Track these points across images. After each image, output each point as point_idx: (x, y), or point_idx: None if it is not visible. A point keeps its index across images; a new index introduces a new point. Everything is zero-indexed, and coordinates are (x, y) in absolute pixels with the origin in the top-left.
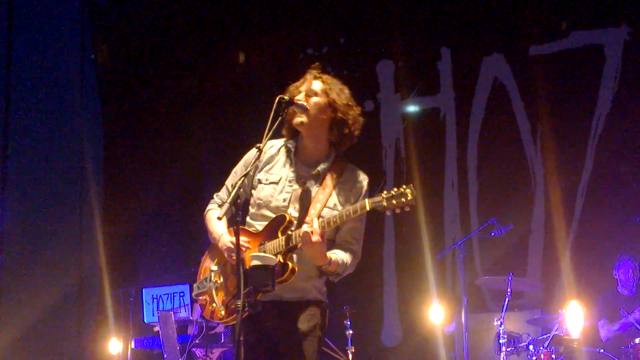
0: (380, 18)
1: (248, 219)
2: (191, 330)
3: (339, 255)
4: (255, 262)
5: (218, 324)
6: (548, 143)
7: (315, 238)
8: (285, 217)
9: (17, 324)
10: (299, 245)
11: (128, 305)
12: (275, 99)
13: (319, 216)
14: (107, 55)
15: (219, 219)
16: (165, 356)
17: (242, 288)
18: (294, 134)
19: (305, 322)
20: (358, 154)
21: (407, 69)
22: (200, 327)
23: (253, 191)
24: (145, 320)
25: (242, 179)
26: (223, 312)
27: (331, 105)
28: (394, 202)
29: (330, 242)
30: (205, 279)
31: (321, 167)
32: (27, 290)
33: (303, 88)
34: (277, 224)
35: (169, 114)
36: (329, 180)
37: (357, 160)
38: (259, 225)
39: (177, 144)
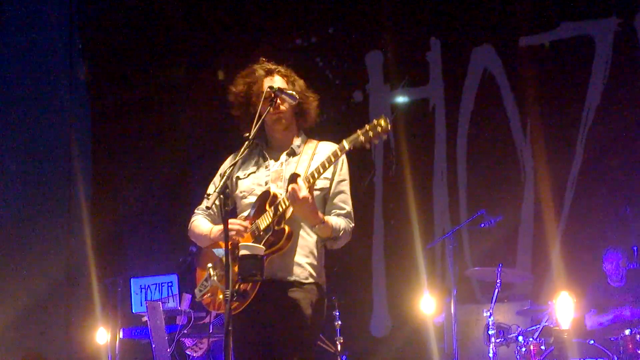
0: (369, 8)
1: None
2: (180, 321)
3: (331, 219)
4: (243, 252)
5: (207, 314)
6: (538, 134)
7: (302, 194)
8: (268, 192)
9: (5, 314)
10: (288, 211)
11: (116, 295)
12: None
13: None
14: (95, 42)
15: (208, 208)
16: (153, 346)
17: (230, 278)
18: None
19: (301, 310)
20: None
21: (396, 59)
22: (189, 317)
23: (236, 191)
24: (133, 310)
25: (232, 167)
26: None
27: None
28: (370, 134)
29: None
30: (205, 279)
31: (294, 144)
32: (14, 280)
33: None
34: (264, 201)
35: (157, 104)
36: (304, 155)
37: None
38: (248, 213)
39: (165, 135)
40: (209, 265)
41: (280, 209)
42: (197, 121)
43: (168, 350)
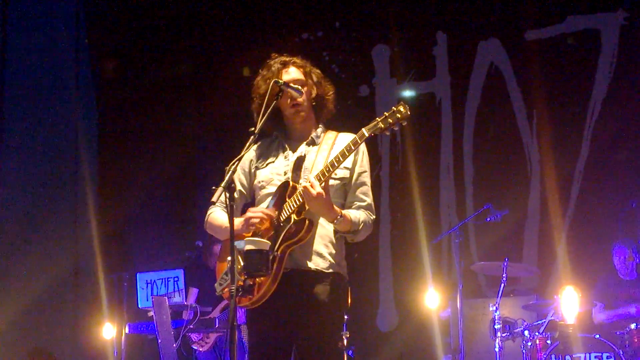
0: (376, 2)
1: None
2: (186, 315)
3: (350, 212)
4: (249, 247)
5: (212, 309)
6: (544, 128)
7: (315, 191)
8: (288, 183)
9: (12, 310)
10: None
11: (122, 290)
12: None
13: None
14: (102, 41)
15: (213, 202)
16: (159, 341)
17: (235, 272)
18: (277, 120)
19: (322, 303)
20: None
21: (402, 53)
22: (195, 312)
23: (255, 181)
24: (139, 305)
25: (236, 162)
26: (251, 295)
27: (316, 87)
28: (390, 120)
29: (339, 205)
30: (225, 272)
31: (314, 134)
32: (21, 276)
33: (287, 78)
34: (283, 192)
35: (164, 98)
36: (324, 145)
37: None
38: (267, 203)
39: (171, 131)
40: (229, 258)
41: (300, 200)
42: (203, 118)
43: (174, 345)
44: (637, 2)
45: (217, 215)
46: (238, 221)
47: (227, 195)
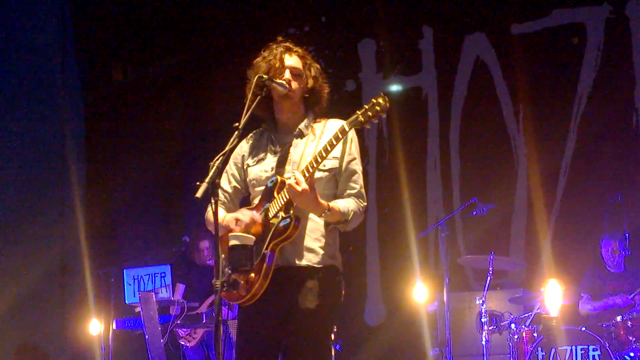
0: None
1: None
2: (172, 311)
3: (338, 203)
4: (233, 242)
5: (199, 304)
6: (530, 122)
7: (300, 187)
8: (277, 178)
9: None
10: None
11: (109, 286)
12: (256, 73)
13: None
14: (88, 38)
15: (197, 198)
16: (146, 337)
17: (219, 268)
18: (267, 107)
19: (314, 299)
20: None
21: (388, 48)
22: (182, 307)
23: (247, 179)
24: (126, 301)
25: (220, 157)
26: (244, 291)
27: (313, 80)
28: (369, 113)
29: (332, 196)
30: (223, 266)
31: (302, 125)
32: (8, 271)
33: (287, 64)
34: (272, 188)
35: (151, 94)
36: (312, 135)
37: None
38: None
39: (158, 125)
40: (222, 256)
41: (287, 196)
42: (189, 114)
43: (161, 340)
44: None
45: (211, 214)
46: (229, 217)
47: (211, 191)
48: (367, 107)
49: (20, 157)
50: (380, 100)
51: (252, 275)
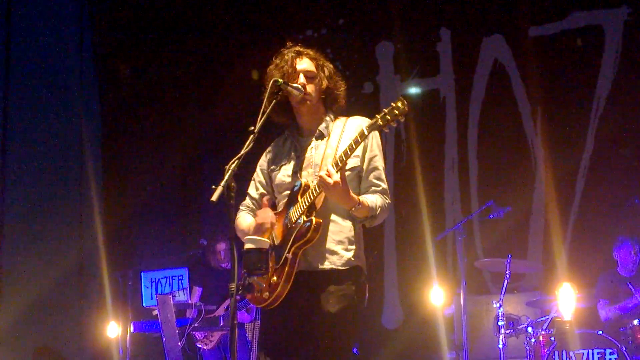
0: None
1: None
2: (189, 314)
3: (367, 198)
4: (248, 246)
5: (216, 307)
6: (548, 124)
7: (332, 179)
8: (300, 182)
9: (18, 308)
10: (319, 200)
11: (126, 289)
12: (270, 81)
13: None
14: (106, 41)
15: (212, 202)
16: (164, 340)
17: (235, 272)
18: (286, 113)
19: (338, 302)
20: None
21: (406, 50)
22: (199, 310)
23: (273, 185)
24: (143, 304)
25: (236, 161)
26: (267, 294)
27: (327, 81)
28: (388, 117)
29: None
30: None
31: (321, 127)
32: (26, 274)
33: (300, 68)
34: (296, 192)
35: (168, 97)
36: (334, 135)
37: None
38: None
39: (175, 129)
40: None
41: (310, 199)
42: (207, 115)
43: (179, 343)
44: None
45: (242, 219)
46: (253, 225)
47: (227, 195)
48: (386, 110)
49: (38, 160)
50: (399, 104)
51: (275, 278)
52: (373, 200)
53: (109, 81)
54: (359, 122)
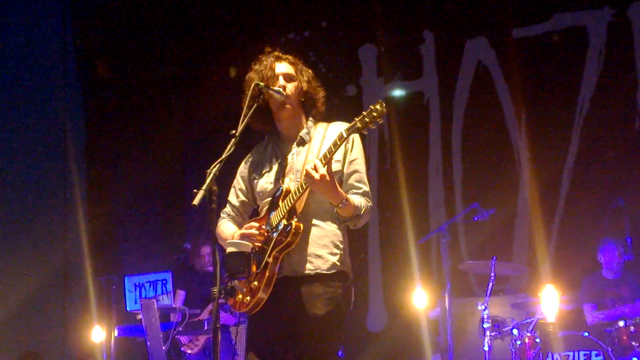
0: (362, 2)
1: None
2: (173, 318)
3: (352, 197)
4: (230, 249)
5: (200, 311)
6: (532, 126)
7: (319, 173)
8: (282, 187)
9: (1, 312)
10: (299, 204)
11: (111, 293)
12: (251, 85)
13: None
14: (89, 42)
15: (194, 206)
16: (148, 344)
17: (217, 276)
18: (266, 120)
19: (324, 305)
20: None
21: (389, 53)
22: (183, 314)
23: (254, 192)
24: (127, 308)
25: (217, 165)
26: (248, 298)
27: (306, 84)
28: (366, 120)
29: None
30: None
31: (302, 133)
32: (10, 278)
33: (279, 71)
34: (277, 198)
35: (151, 100)
36: (315, 141)
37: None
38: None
39: (159, 134)
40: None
41: (291, 203)
42: (190, 120)
43: (163, 348)
44: None
45: (224, 227)
46: (238, 234)
47: (208, 199)
48: (364, 113)
49: (21, 163)
50: (378, 107)
51: (255, 283)
52: (358, 199)
53: (92, 85)
54: (340, 128)
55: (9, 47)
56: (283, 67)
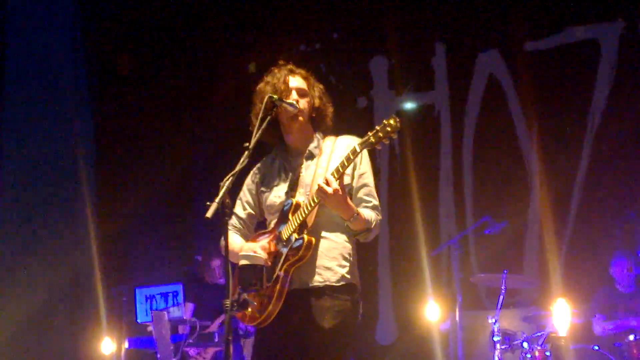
0: (374, 14)
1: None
2: (182, 330)
3: (363, 211)
4: (243, 262)
5: (210, 323)
6: (544, 139)
7: (332, 187)
8: (291, 201)
9: (10, 323)
10: (310, 218)
11: (121, 305)
12: (264, 97)
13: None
14: (100, 51)
15: (208, 218)
16: (158, 356)
17: (229, 288)
18: (275, 132)
19: (332, 317)
20: None
21: (401, 65)
22: (194, 326)
23: (263, 206)
24: (138, 320)
25: (231, 178)
26: (258, 312)
27: (318, 100)
28: (380, 134)
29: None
30: (238, 293)
31: (311, 147)
32: (20, 289)
33: (292, 85)
34: (287, 211)
35: (161, 110)
36: (324, 155)
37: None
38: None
39: (169, 142)
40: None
41: (302, 217)
42: (200, 131)
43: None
44: (636, 12)
45: (230, 240)
46: (247, 247)
47: (221, 211)
48: (378, 128)
49: (32, 175)
50: (392, 121)
51: (267, 296)
52: (369, 213)
53: (102, 94)
54: (349, 141)
55: (19, 52)
56: (296, 82)
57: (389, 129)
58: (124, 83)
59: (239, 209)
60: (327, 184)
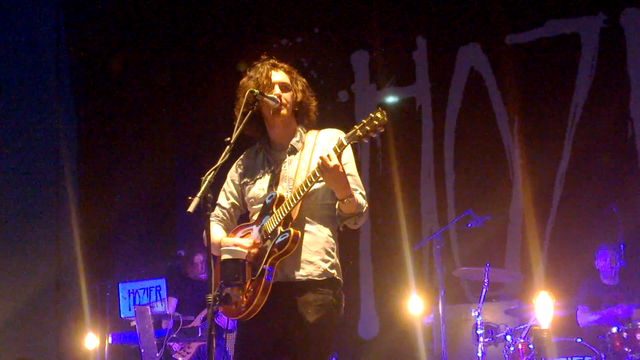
0: (355, 8)
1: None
2: (165, 325)
3: (355, 194)
4: (225, 256)
5: (194, 318)
6: (525, 132)
7: (332, 162)
8: (275, 194)
9: None
10: (295, 211)
11: (104, 300)
12: (246, 91)
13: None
14: (83, 49)
15: (189, 213)
16: (142, 351)
17: (212, 283)
18: (258, 126)
19: (316, 312)
20: None
21: (382, 59)
22: (177, 321)
23: (245, 198)
24: (121, 315)
25: (212, 172)
26: (243, 306)
27: (301, 94)
28: (367, 128)
29: (331, 206)
30: (219, 287)
31: (294, 141)
32: (3, 286)
33: (275, 80)
34: (270, 204)
35: (143, 108)
36: (306, 149)
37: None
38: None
39: (151, 140)
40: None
41: (287, 210)
42: (182, 128)
43: (157, 354)
44: (616, 6)
45: (212, 230)
46: (227, 240)
47: (203, 206)
48: (365, 121)
49: (13, 171)
50: (379, 115)
51: (251, 290)
52: (360, 198)
53: (85, 92)
54: (332, 134)
55: (2, 57)
56: (279, 76)
57: (375, 122)
58: (106, 81)
59: (222, 200)
60: (329, 158)
